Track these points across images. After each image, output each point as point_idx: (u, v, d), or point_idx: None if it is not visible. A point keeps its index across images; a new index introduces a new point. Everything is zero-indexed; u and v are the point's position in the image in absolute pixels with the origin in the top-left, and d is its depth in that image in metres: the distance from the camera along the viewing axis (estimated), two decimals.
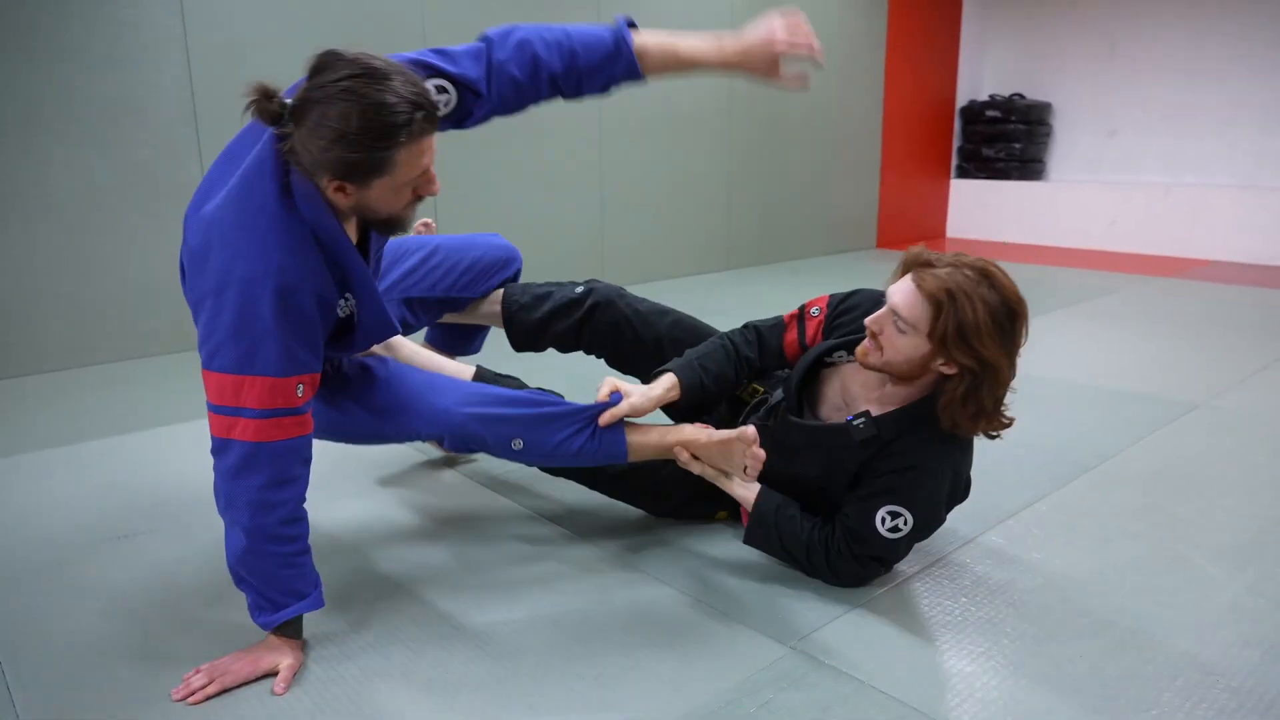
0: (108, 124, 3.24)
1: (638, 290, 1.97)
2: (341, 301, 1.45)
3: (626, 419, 1.67)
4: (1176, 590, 1.68)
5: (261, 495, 1.31)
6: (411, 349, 1.78)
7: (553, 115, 4.58)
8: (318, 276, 1.36)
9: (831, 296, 1.80)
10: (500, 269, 2.00)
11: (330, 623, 1.55)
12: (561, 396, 1.70)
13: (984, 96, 7.48)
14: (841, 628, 1.54)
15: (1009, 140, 7.20)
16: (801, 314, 1.82)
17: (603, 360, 1.99)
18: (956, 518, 1.96)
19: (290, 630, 1.42)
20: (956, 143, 7.58)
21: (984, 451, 2.36)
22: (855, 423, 1.58)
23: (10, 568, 1.76)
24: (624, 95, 4.86)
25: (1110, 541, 1.88)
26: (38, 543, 1.87)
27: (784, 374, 1.92)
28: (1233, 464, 2.32)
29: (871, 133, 6.62)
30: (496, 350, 2.19)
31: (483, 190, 4.34)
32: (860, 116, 6.48)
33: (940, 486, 1.58)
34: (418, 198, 1.39)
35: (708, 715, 1.31)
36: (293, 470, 1.35)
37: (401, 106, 1.25)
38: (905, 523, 1.57)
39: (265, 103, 1.26)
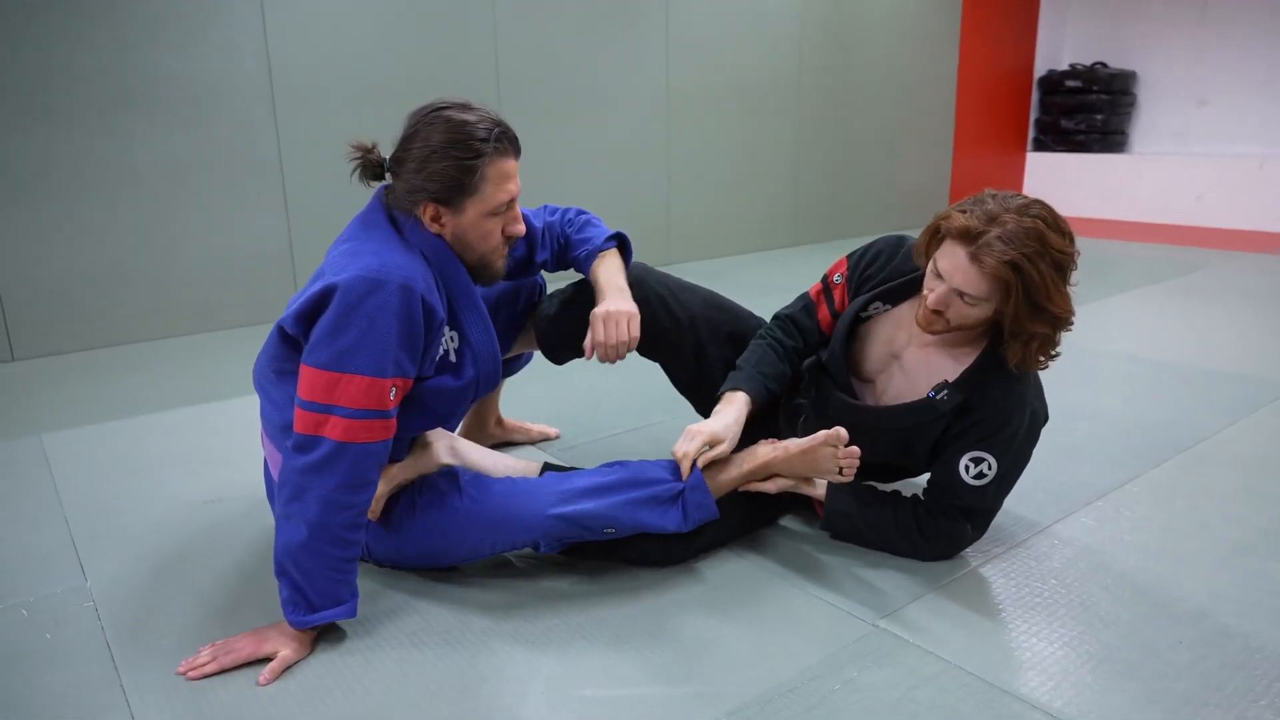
0: (189, 101, 3.32)
1: (706, 265, 1.92)
2: (445, 336, 1.46)
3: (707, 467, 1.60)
4: None
5: (337, 494, 1.30)
6: (480, 452, 1.70)
7: (618, 89, 4.56)
8: (427, 285, 1.38)
9: (849, 257, 1.75)
10: (527, 296, 1.93)
11: (412, 586, 1.57)
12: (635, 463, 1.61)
13: (1064, 65, 7.20)
14: (927, 606, 1.50)
15: (1090, 111, 6.92)
16: (826, 285, 1.78)
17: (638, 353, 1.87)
18: (1045, 498, 1.90)
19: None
20: (1034, 114, 7.32)
21: (1073, 430, 2.29)
22: (939, 396, 1.54)
23: (105, 531, 1.83)
24: (691, 67, 4.81)
25: (1208, 525, 1.79)
26: (130, 507, 1.93)
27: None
28: None
29: (945, 104, 6.43)
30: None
31: (550, 168, 4.33)
32: (933, 87, 6.30)
33: (1020, 427, 1.53)
34: (507, 239, 1.50)
35: (789, 691, 1.29)
36: (370, 474, 1.34)
37: (483, 124, 1.39)
38: (989, 467, 1.53)
39: (366, 155, 1.44)
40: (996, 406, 1.52)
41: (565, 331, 1.89)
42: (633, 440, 2.26)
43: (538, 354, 2.02)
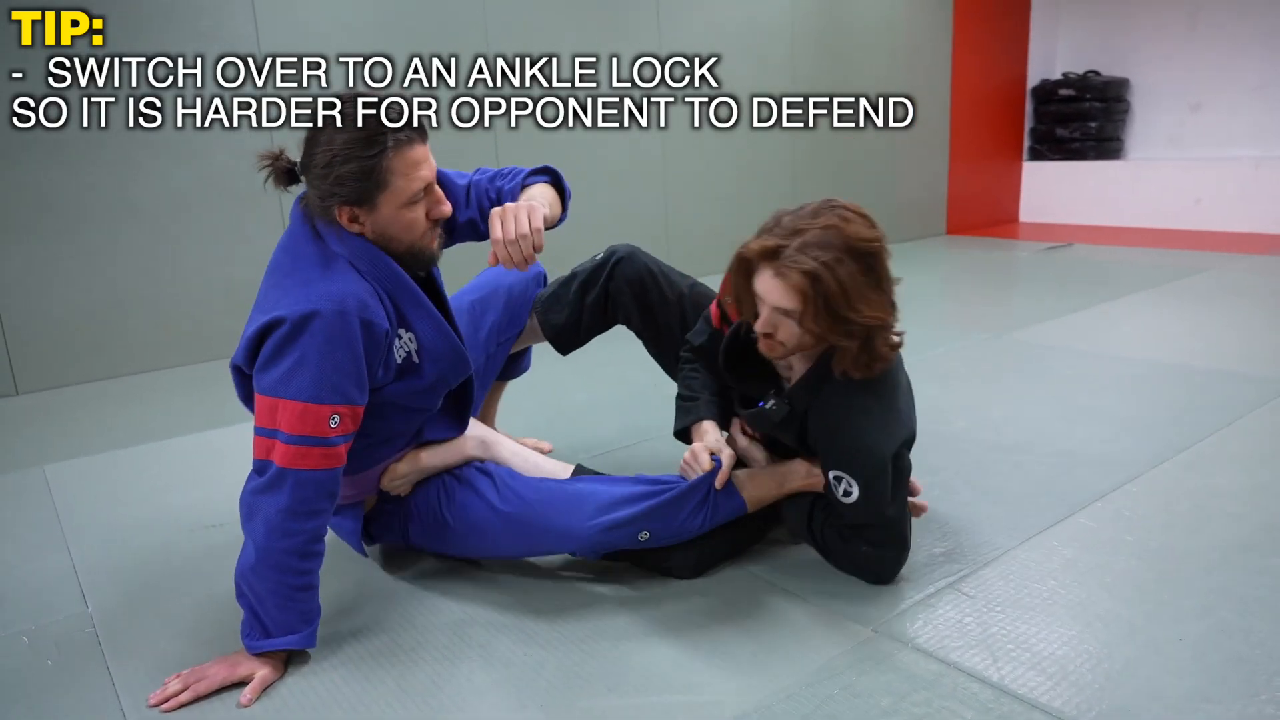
0: (188, 130, 3.35)
1: (707, 280, 1.93)
2: (398, 339, 1.45)
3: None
4: None
5: (280, 520, 1.31)
6: (512, 448, 1.70)
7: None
8: (363, 303, 1.36)
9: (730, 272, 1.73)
10: (532, 288, 1.96)
11: (408, 606, 1.57)
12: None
13: (1057, 74, 7.23)
14: (925, 610, 1.50)
15: (1084, 119, 6.94)
16: (722, 310, 1.72)
17: (633, 331, 1.94)
18: (1045, 501, 1.90)
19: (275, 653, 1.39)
20: (1028, 123, 7.34)
21: (1073, 433, 2.29)
22: (768, 406, 1.56)
23: (106, 558, 1.83)
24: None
25: (1210, 522, 1.79)
26: (131, 534, 1.94)
27: None
28: None
29: (939, 115, 6.46)
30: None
31: None
32: (927, 99, 6.32)
33: (862, 435, 1.48)
34: (434, 223, 1.45)
35: (787, 697, 1.28)
36: (315, 503, 1.34)
37: (385, 115, 1.33)
38: (850, 484, 1.48)
39: (274, 162, 1.40)
40: (825, 419, 1.51)
41: (568, 316, 1.90)
42: (627, 456, 2.27)
43: (537, 360, 2.05)
